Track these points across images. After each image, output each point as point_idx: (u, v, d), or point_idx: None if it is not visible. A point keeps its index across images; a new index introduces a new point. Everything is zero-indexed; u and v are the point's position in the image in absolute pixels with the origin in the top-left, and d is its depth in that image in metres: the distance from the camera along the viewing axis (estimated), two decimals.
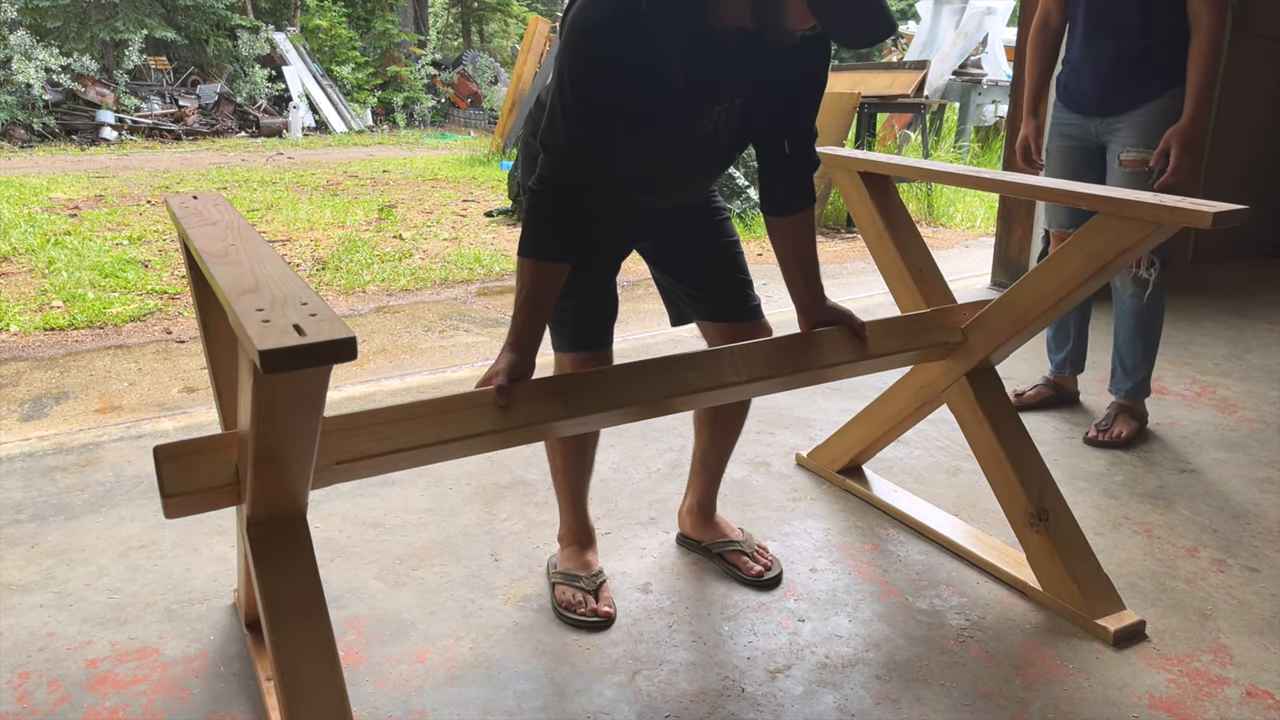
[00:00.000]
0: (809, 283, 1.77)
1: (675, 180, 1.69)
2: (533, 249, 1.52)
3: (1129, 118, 2.52)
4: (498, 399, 1.45)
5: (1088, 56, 2.57)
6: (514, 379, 1.49)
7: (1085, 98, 2.60)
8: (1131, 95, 2.51)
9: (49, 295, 4.48)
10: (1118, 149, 2.56)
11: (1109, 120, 2.57)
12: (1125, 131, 2.53)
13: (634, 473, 2.47)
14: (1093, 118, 2.60)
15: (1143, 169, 2.51)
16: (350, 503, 2.29)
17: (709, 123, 1.55)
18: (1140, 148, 2.50)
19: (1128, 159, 2.53)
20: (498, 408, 1.45)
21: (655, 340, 3.57)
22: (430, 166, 9.88)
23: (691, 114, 1.53)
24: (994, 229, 4.58)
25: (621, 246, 1.78)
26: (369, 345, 3.84)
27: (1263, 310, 3.97)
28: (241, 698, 1.62)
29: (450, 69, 16.38)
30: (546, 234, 1.52)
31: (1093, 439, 2.69)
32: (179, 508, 1.28)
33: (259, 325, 0.93)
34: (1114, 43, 2.50)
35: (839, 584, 1.97)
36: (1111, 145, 2.59)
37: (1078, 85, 2.62)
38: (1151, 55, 2.46)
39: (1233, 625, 1.84)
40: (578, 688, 1.65)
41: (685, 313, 1.89)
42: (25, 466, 2.49)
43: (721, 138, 1.60)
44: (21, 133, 11.60)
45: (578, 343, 1.74)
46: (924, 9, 10.90)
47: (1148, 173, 2.49)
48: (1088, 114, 2.61)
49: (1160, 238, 1.63)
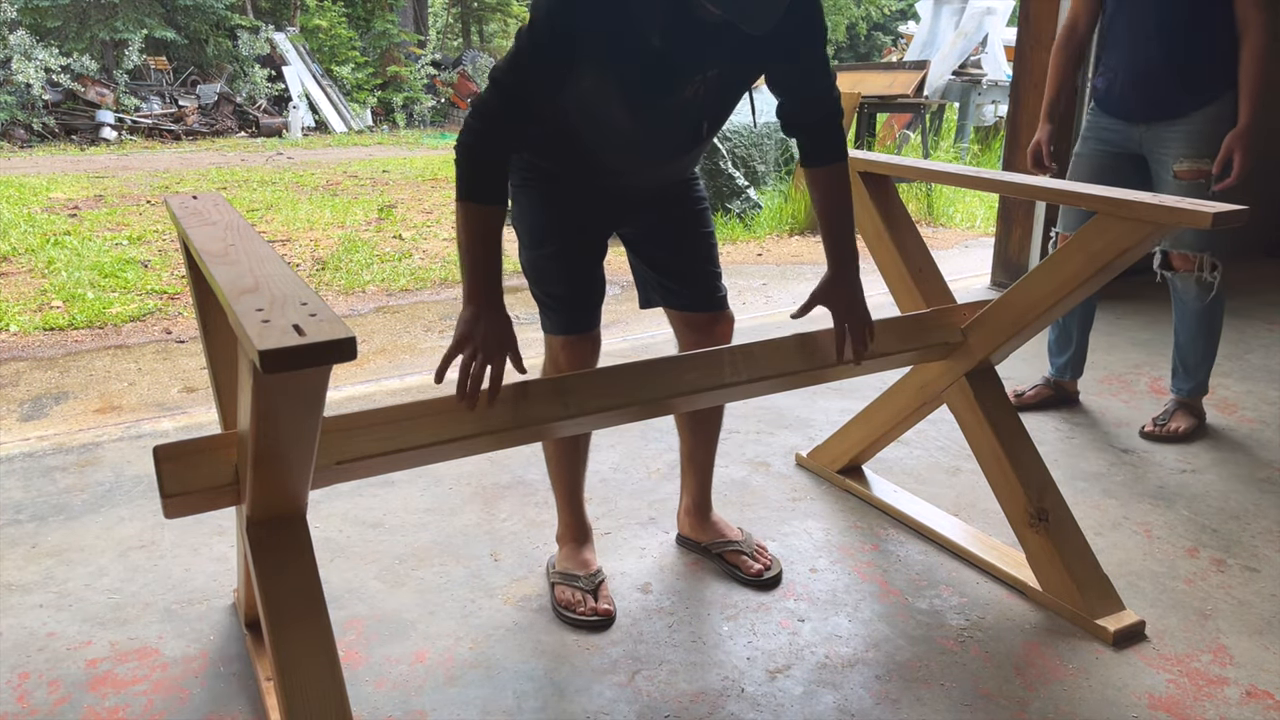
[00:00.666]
0: (836, 247, 1.74)
1: (645, 149, 1.67)
2: (468, 190, 1.50)
3: (1180, 126, 2.47)
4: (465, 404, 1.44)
5: (1131, 62, 2.51)
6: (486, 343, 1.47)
7: (1129, 103, 2.54)
8: (1181, 101, 2.45)
9: (49, 295, 4.48)
10: (1168, 160, 2.50)
11: (1156, 128, 2.51)
12: (1176, 142, 2.48)
13: (634, 473, 2.47)
14: (1137, 124, 2.55)
15: (1200, 179, 2.45)
16: (350, 503, 2.29)
17: (688, 91, 1.54)
18: (1195, 158, 2.45)
19: (1183, 170, 2.47)
20: (495, 405, 1.45)
21: (655, 340, 3.57)
22: (430, 166, 9.88)
23: (669, 81, 1.52)
24: (994, 229, 4.58)
25: (604, 230, 1.78)
26: (369, 345, 3.84)
27: (1263, 310, 3.97)
28: (241, 698, 1.62)
29: (450, 69, 16.37)
30: (482, 174, 1.50)
31: (1150, 433, 2.70)
32: (179, 508, 1.29)
33: (259, 325, 0.93)
34: (1161, 47, 2.45)
35: (839, 584, 1.97)
36: (1158, 155, 2.53)
37: (1120, 91, 2.56)
38: (1202, 61, 2.42)
39: (1232, 625, 1.84)
40: (578, 688, 1.65)
41: (653, 299, 1.90)
42: (25, 466, 2.49)
43: (696, 108, 1.59)
44: (21, 133, 11.59)
45: (567, 326, 1.76)
46: (924, 9, 10.90)
47: (1205, 183, 2.45)
48: (1132, 120, 2.56)
49: (1161, 237, 1.63)
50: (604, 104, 1.55)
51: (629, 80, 1.51)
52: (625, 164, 1.70)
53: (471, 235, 1.51)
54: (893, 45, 13.04)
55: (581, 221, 1.73)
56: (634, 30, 1.44)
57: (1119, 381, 3.16)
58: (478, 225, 1.51)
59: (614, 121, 1.58)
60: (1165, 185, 2.53)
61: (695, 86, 1.54)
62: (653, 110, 1.56)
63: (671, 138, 1.65)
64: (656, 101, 1.55)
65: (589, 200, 1.72)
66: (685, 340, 1.89)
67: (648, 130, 1.61)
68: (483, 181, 1.50)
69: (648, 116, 1.58)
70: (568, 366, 1.75)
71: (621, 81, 1.51)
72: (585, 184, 1.70)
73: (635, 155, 1.68)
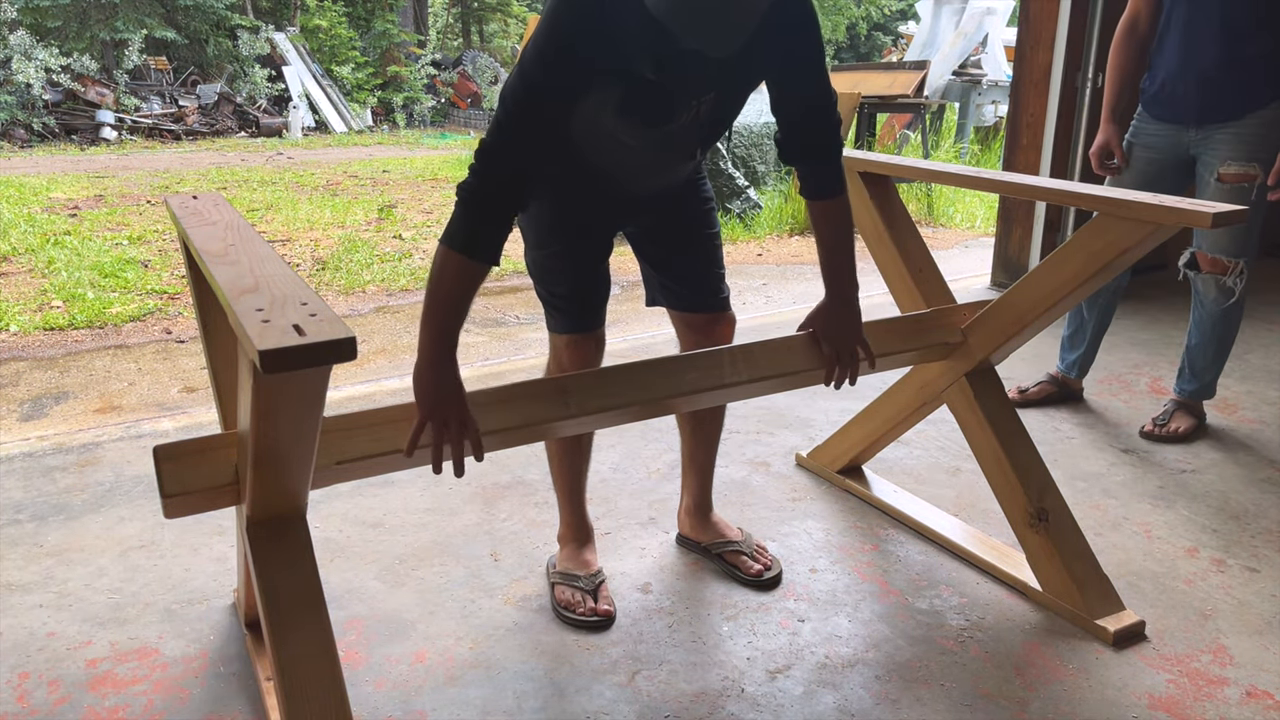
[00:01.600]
0: (833, 278, 1.71)
1: (644, 168, 1.66)
2: (465, 242, 1.39)
3: (1229, 129, 2.43)
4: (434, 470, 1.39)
5: (1187, 64, 2.47)
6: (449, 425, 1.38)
7: (1183, 106, 2.50)
8: (1236, 104, 2.41)
9: (49, 295, 4.48)
10: (1214, 162, 2.47)
11: (1207, 130, 2.48)
12: (1225, 144, 2.45)
13: (634, 473, 2.47)
14: (1189, 128, 2.51)
15: (1244, 184, 2.43)
16: (350, 503, 2.29)
17: (686, 116, 1.54)
18: (1242, 161, 2.42)
19: (1229, 174, 2.44)
20: (496, 405, 1.45)
21: (655, 340, 3.57)
22: (430, 166, 9.88)
23: (667, 109, 1.51)
24: (994, 229, 4.58)
25: (609, 230, 1.78)
26: (369, 345, 3.84)
27: (1263, 310, 3.96)
28: (241, 698, 1.62)
29: (450, 69, 16.37)
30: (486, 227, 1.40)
31: (1150, 433, 2.69)
32: (179, 508, 1.29)
33: (259, 325, 0.93)
34: (1220, 49, 2.41)
35: (839, 584, 1.97)
36: (1205, 158, 2.50)
37: (1173, 93, 2.51)
38: (1262, 63, 2.38)
39: (1232, 625, 1.84)
40: (577, 688, 1.65)
41: (656, 297, 1.89)
42: (25, 466, 2.49)
43: (694, 129, 1.58)
44: (21, 133, 11.59)
45: (572, 325, 1.76)
46: (924, 9, 10.90)
47: (1249, 188, 2.42)
48: (1184, 123, 2.52)
49: (1161, 238, 1.63)
50: (602, 131, 1.54)
51: (626, 111, 1.49)
52: (625, 176, 1.70)
53: (451, 296, 1.40)
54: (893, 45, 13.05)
55: (585, 221, 1.72)
56: (627, 64, 1.42)
57: (1119, 381, 3.16)
58: (465, 285, 1.40)
59: (612, 146, 1.58)
60: (1208, 189, 2.49)
61: (693, 111, 1.54)
62: (651, 135, 1.56)
63: (670, 158, 1.66)
64: (655, 128, 1.54)
65: (593, 201, 1.72)
66: (686, 340, 1.89)
67: (645, 152, 1.61)
68: (485, 236, 1.40)
69: (645, 141, 1.57)
70: (571, 366, 1.75)
71: (618, 112, 1.49)
72: (588, 186, 1.70)
73: (634, 172, 1.68)
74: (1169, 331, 3.67)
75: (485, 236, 1.40)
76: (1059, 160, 4.11)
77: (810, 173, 1.66)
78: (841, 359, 1.69)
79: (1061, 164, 4.12)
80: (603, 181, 1.69)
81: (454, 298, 1.41)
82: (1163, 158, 2.59)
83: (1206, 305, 2.65)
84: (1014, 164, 4.26)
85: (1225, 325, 2.66)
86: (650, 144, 1.58)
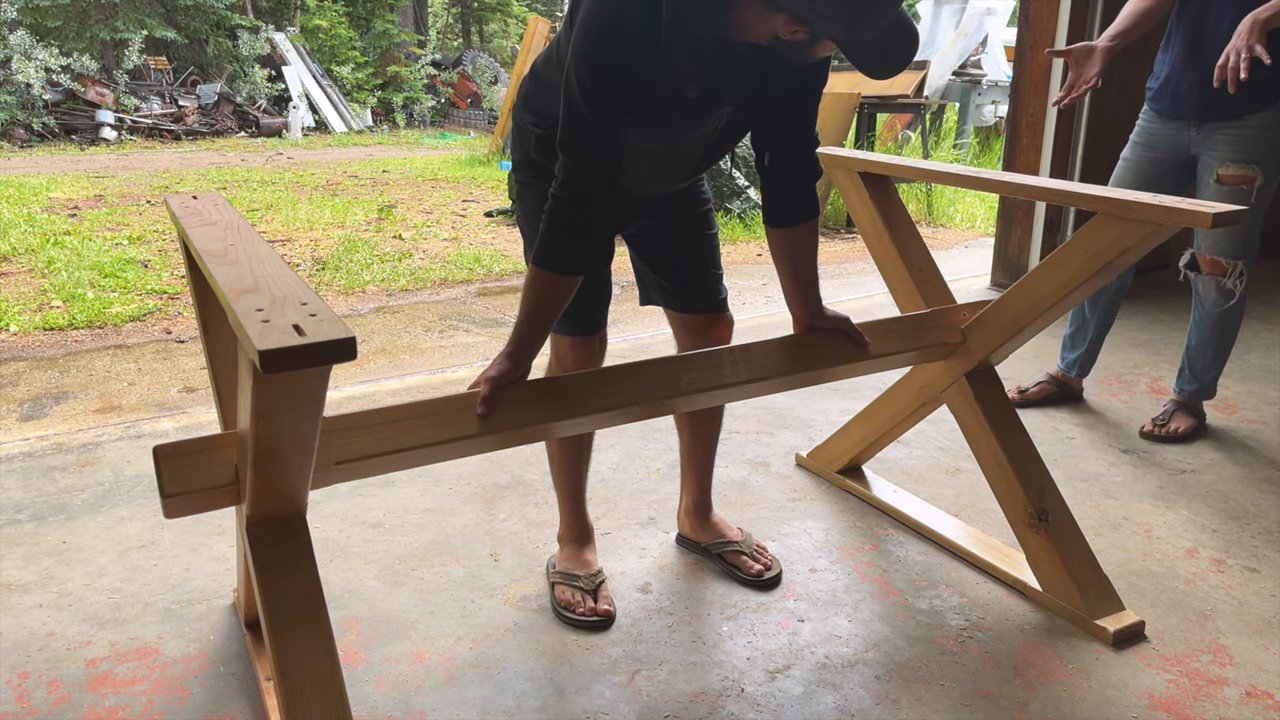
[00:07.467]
0: (805, 295, 1.75)
1: (653, 176, 1.67)
2: (550, 260, 1.45)
3: (1230, 128, 2.43)
4: (479, 408, 1.43)
5: (1192, 61, 2.46)
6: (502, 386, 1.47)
7: (1185, 103, 2.49)
8: (1239, 102, 2.39)
9: (49, 295, 4.48)
10: (1213, 163, 2.47)
11: (1209, 128, 2.47)
12: (1224, 145, 2.44)
13: (634, 473, 2.47)
14: (1190, 126, 2.51)
15: (1243, 186, 2.42)
16: (350, 503, 2.29)
17: (705, 128, 1.55)
18: (1241, 163, 2.42)
19: (1227, 175, 2.44)
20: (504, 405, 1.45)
21: (655, 340, 3.57)
22: (430, 166, 9.88)
23: (688, 121, 1.52)
24: (994, 229, 4.58)
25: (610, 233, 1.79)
26: (369, 345, 3.84)
27: (1263, 310, 3.96)
28: (241, 698, 1.62)
29: (450, 69, 16.37)
30: (567, 244, 1.45)
31: (1149, 433, 2.69)
32: (178, 508, 1.28)
33: (259, 325, 0.93)
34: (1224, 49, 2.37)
35: (839, 584, 1.97)
36: (1205, 158, 2.50)
37: (1176, 89, 2.50)
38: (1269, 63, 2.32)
39: (1232, 625, 1.84)
40: (577, 688, 1.65)
41: (653, 297, 1.89)
42: (25, 466, 2.49)
43: (707, 143, 1.59)
44: (21, 133, 11.59)
45: (574, 328, 1.76)
46: (924, 9, 10.90)
47: (1248, 190, 2.42)
48: (1185, 119, 2.51)
49: (1161, 238, 1.63)
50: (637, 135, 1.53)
51: (651, 123, 1.49)
52: (631, 182, 1.70)
53: (537, 305, 1.49)
54: None
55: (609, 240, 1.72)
56: (670, 81, 1.42)
57: (1119, 381, 3.16)
58: (545, 295, 1.49)
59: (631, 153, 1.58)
60: (1208, 190, 2.49)
61: (712, 123, 1.54)
62: (668, 145, 1.57)
63: (679, 169, 1.67)
64: (674, 140, 1.55)
65: None
66: (684, 342, 1.89)
67: (658, 163, 1.62)
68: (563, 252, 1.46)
69: (661, 151, 1.58)
70: (574, 367, 1.75)
71: (643, 123, 1.48)
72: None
73: (642, 178, 1.68)
74: (1169, 332, 3.68)
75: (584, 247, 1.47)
76: (1059, 160, 4.11)
77: (789, 196, 1.68)
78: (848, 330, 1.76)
79: (1061, 164, 4.12)
80: None
81: (546, 310, 1.50)
82: (1164, 158, 2.59)
83: (1206, 306, 2.65)
84: (1014, 164, 4.26)
85: (1225, 326, 2.66)
86: (664, 156, 1.60)
